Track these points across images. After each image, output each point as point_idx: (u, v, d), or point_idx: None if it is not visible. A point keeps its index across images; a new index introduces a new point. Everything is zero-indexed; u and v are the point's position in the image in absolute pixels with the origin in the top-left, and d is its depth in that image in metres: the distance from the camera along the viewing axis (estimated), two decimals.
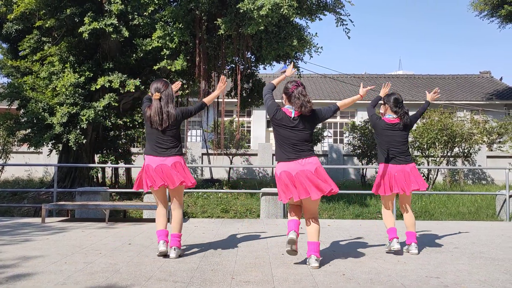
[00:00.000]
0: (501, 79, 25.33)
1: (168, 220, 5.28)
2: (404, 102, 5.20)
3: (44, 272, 3.90)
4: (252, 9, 7.93)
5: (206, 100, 5.07)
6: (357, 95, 4.76)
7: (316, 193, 4.10)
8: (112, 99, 9.41)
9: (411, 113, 5.14)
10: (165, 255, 4.55)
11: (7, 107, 10.51)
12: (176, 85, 5.03)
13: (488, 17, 17.65)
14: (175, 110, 4.67)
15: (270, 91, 4.53)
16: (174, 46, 9.03)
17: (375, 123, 5.13)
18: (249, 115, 22.00)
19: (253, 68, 11.29)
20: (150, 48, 9.19)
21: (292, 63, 5.01)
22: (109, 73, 9.55)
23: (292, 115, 4.27)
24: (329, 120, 22.10)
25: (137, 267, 4.12)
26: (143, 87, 9.67)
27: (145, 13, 9.19)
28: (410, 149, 5.08)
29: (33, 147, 9.67)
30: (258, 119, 21.99)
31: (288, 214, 4.39)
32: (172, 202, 4.74)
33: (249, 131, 21.78)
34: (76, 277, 3.73)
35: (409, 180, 4.90)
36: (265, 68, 11.07)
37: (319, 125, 16.57)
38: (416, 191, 4.98)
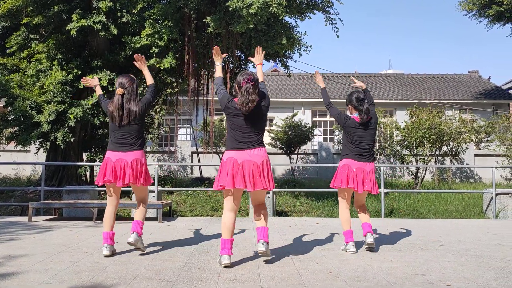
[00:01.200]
0: (489, 78, 25.60)
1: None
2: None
3: (29, 271, 3.86)
4: (241, 7, 7.92)
5: (151, 81, 4.95)
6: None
7: (251, 186, 4.10)
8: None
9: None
10: (111, 256, 4.49)
11: None
12: (138, 58, 4.93)
13: (477, 17, 17.80)
14: (137, 107, 4.64)
15: (221, 83, 4.56)
16: (163, 44, 8.99)
17: (345, 123, 5.01)
18: None
19: (242, 66, 11.28)
20: (139, 46, 9.14)
21: (262, 51, 4.93)
22: (98, 71, 9.48)
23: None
24: (319, 118, 22.17)
25: (123, 265, 4.10)
26: None
27: (134, 11, 9.14)
28: (374, 148, 5.04)
29: (20, 145, 9.58)
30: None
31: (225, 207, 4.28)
32: (137, 201, 4.79)
33: None
34: (61, 276, 3.70)
35: (364, 180, 4.90)
36: (254, 67, 11.06)
37: (309, 124, 16.61)
38: (368, 192, 4.98)
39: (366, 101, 5.04)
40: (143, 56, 5.01)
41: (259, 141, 4.28)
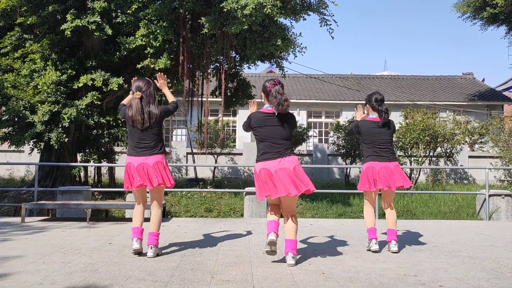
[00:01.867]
0: (483, 80, 25.73)
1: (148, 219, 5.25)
2: (389, 102, 5.31)
3: (21, 272, 3.85)
4: (236, 8, 7.92)
5: (173, 99, 5.04)
6: None
7: (294, 190, 4.13)
8: (95, 97, 9.31)
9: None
10: (139, 253, 4.53)
11: None
12: (160, 76, 5.00)
13: (471, 19, 17.89)
14: (157, 109, 4.66)
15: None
16: (158, 45, 8.98)
17: (359, 128, 5.18)
18: (234, 114, 21.99)
19: (237, 67, 11.28)
20: (133, 46, 9.11)
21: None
22: (92, 71, 9.45)
23: (275, 112, 4.32)
24: (314, 120, 22.20)
25: (116, 266, 4.09)
26: (126, 85, 9.59)
27: (128, 11, 9.11)
28: (394, 148, 5.16)
29: (14, 146, 9.53)
30: (243, 119, 21.92)
31: (268, 213, 4.40)
32: (151, 202, 4.72)
33: (234, 131, 21.76)
34: (53, 277, 3.69)
35: (393, 177, 4.97)
36: (249, 68, 11.09)
37: (304, 125, 16.64)
38: (400, 188, 5.06)
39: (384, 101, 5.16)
40: (165, 75, 5.05)
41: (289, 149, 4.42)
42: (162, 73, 5.05)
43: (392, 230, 5.01)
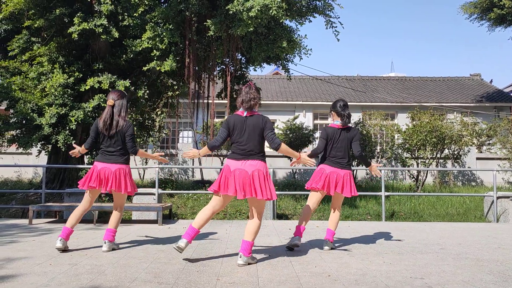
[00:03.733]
0: (491, 81, 25.55)
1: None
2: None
3: (28, 273, 3.87)
4: (242, 10, 7.94)
5: (139, 151, 5.10)
6: (297, 155, 4.69)
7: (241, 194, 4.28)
8: (102, 100, 9.36)
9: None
10: (62, 250, 4.80)
11: None
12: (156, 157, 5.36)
13: (478, 20, 17.80)
14: (124, 121, 4.90)
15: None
16: (164, 47, 9.01)
17: (324, 133, 5.21)
18: None
19: (243, 69, 11.29)
20: (140, 49, 9.16)
21: None
22: (99, 74, 9.51)
23: (244, 114, 4.43)
24: (320, 121, 22.17)
25: (122, 268, 4.10)
26: (133, 88, 9.64)
27: (135, 14, 9.17)
28: (350, 157, 5.24)
29: (21, 148, 9.60)
30: None
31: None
32: (114, 205, 5.12)
33: None
34: (60, 279, 3.70)
35: (342, 184, 5.05)
36: (255, 70, 11.08)
37: (310, 127, 16.61)
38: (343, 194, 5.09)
39: (347, 107, 5.25)
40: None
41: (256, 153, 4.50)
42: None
43: (330, 230, 5.18)
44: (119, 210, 5.09)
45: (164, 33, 8.92)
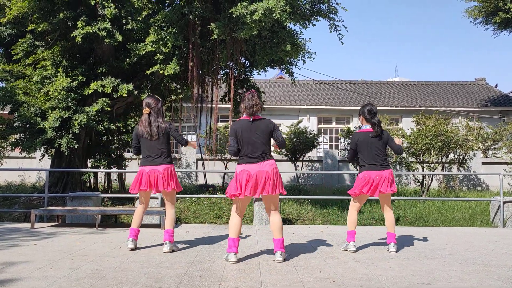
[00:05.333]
0: (496, 86, 25.44)
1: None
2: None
3: (28, 278, 3.81)
4: (245, 13, 7.91)
5: (188, 142, 5.42)
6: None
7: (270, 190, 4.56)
8: (105, 103, 9.34)
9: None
10: (132, 249, 5.11)
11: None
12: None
13: (483, 24, 17.72)
14: (165, 123, 5.20)
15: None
16: (167, 51, 8.99)
17: (353, 143, 5.43)
18: None
19: (247, 73, 11.25)
20: (143, 52, 9.14)
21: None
22: (102, 77, 9.49)
23: (250, 119, 4.69)
24: (324, 126, 22.09)
25: (123, 273, 4.04)
26: (136, 91, 9.62)
27: (139, 18, 9.16)
28: (387, 158, 5.40)
29: (25, 152, 9.58)
30: None
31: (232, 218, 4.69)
32: (165, 203, 5.26)
33: None
34: (60, 283, 3.65)
35: (386, 183, 5.23)
36: (259, 74, 11.04)
37: (314, 131, 16.55)
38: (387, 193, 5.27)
39: (377, 114, 5.40)
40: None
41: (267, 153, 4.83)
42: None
43: (391, 233, 5.31)
44: (171, 208, 5.22)
45: (167, 37, 8.89)
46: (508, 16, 15.95)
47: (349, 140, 14.08)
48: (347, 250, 5.25)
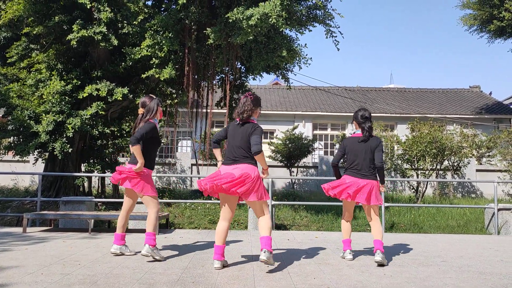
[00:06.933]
0: (490, 93, 25.57)
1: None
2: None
3: (18, 283, 3.76)
4: (241, 18, 7.90)
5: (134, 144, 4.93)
6: (266, 167, 4.74)
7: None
8: (100, 107, 9.29)
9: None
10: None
11: None
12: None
13: (478, 32, 17.83)
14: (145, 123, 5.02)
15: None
16: (163, 55, 8.96)
17: (342, 146, 5.35)
18: None
19: (243, 78, 11.24)
20: (139, 56, 9.11)
21: None
22: (97, 81, 9.45)
23: (238, 122, 4.70)
24: (320, 132, 22.10)
25: (115, 279, 3.99)
26: (131, 95, 9.58)
27: (134, 22, 9.13)
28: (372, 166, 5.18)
29: (18, 156, 9.50)
30: None
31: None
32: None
33: None
34: None
35: (364, 194, 5.02)
36: (254, 79, 11.02)
37: (310, 137, 16.55)
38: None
39: (370, 120, 5.26)
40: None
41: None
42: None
43: (377, 240, 4.99)
44: (149, 210, 4.99)
45: (163, 41, 8.87)
46: (502, 24, 16.06)
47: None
48: (344, 258, 5.19)
